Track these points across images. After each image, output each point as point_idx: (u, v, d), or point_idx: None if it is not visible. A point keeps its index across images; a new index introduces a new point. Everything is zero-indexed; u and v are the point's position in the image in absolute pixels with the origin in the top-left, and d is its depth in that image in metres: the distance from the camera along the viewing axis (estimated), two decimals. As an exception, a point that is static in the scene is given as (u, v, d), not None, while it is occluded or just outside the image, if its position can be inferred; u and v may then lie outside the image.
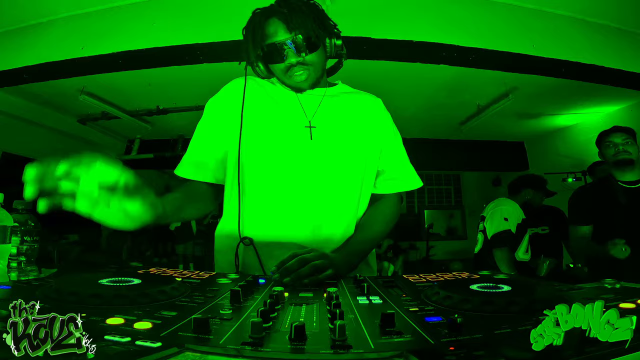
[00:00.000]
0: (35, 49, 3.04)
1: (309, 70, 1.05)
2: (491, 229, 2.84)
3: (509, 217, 2.81)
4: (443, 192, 8.10)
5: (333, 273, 0.82)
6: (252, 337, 0.42)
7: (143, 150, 6.38)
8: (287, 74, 1.05)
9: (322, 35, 1.05)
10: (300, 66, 1.03)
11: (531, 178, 3.17)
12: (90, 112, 5.11)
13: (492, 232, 2.82)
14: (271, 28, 1.02)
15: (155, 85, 4.30)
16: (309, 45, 1.02)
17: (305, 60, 1.03)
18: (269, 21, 1.02)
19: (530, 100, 4.64)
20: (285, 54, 1.02)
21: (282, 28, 1.01)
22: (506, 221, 2.80)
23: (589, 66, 2.97)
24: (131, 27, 2.93)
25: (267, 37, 1.02)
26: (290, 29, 1.00)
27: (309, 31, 1.01)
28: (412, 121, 5.45)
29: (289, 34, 1.00)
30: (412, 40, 2.80)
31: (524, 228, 2.88)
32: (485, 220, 2.95)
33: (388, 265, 5.12)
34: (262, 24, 1.02)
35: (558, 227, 3.22)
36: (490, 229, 2.86)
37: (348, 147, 1.08)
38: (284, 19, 1.00)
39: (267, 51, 1.03)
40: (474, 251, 3.11)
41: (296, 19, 1.00)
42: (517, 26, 2.94)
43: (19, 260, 1.03)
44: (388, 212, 1.17)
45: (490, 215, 2.91)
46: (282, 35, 1.01)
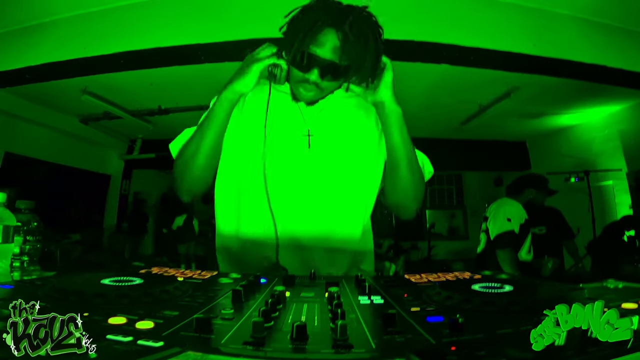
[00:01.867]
0: (38, 49, 3.05)
1: (318, 93, 0.97)
2: (494, 230, 2.83)
3: (512, 217, 2.81)
4: (445, 192, 8.09)
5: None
6: (253, 337, 0.42)
7: (145, 150, 6.40)
8: (297, 83, 0.96)
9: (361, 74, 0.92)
10: (314, 87, 0.94)
11: (533, 177, 3.16)
12: (92, 112, 5.13)
13: (495, 232, 2.81)
14: (323, 38, 0.87)
15: (157, 85, 4.31)
16: (337, 75, 0.92)
17: (320, 84, 0.93)
18: (325, 30, 0.87)
19: (532, 99, 4.63)
20: (310, 70, 0.91)
21: (334, 46, 0.87)
22: (509, 222, 2.79)
23: (591, 66, 2.97)
24: (133, 27, 2.94)
25: (311, 42, 0.88)
26: (342, 53, 0.87)
27: (356, 65, 0.88)
28: (413, 121, 5.35)
29: (334, 56, 0.88)
30: (413, 40, 2.80)
31: (527, 228, 2.87)
32: (488, 220, 2.95)
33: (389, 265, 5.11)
34: (317, 25, 0.87)
35: (557, 227, 3.22)
36: (493, 229, 2.85)
37: (347, 154, 1.06)
38: (343, 40, 0.86)
39: (297, 55, 0.90)
40: (476, 251, 3.10)
41: (354, 50, 0.86)
42: (518, 25, 2.93)
43: (21, 260, 1.03)
44: None
45: (493, 216, 2.90)
46: (326, 52, 0.88)
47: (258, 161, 1.03)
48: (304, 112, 1.06)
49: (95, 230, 6.45)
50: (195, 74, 3.77)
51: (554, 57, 2.91)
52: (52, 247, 4.67)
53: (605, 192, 5.20)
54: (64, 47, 2.99)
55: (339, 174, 1.05)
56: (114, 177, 6.87)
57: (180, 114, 4.93)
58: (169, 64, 3.19)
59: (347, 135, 1.07)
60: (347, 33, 0.85)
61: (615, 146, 5.00)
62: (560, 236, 3.24)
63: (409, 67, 3.37)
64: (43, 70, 3.08)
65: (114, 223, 6.83)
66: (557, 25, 2.99)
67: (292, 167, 1.03)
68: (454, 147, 6.62)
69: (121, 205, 7.00)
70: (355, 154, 1.06)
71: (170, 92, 4.51)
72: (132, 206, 7.15)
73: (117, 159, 6.77)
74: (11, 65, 3.10)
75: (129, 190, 7.13)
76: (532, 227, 3.02)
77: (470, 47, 2.83)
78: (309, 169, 1.03)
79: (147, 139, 6.35)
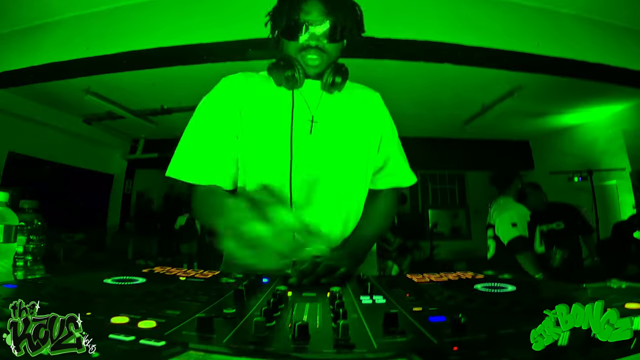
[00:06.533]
0: (40, 50, 3.06)
1: (322, 57, 1.02)
2: (504, 238, 2.85)
3: (516, 221, 2.82)
4: (447, 192, 8.06)
5: (346, 271, 0.83)
6: (255, 337, 0.42)
7: (147, 150, 6.43)
8: (300, 53, 1.02)
9: (351, 32, 1.03)
10: (317, 50, 1.01)
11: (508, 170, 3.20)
12: (95, 111, 5.15)
13: (507, 240, 2.83)
14: (308, 7, 0.98)
15: (159, 85, 4.32)
16: (334, 35, 1.00)
17: (324, 46, 1.01)
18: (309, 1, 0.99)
19: (535, 99, 4.62)
20: (307, 34, 0.99)
21: (318, 10, 0.98)
22: (515, 227, 2.80)
23: (594, 65, 2.95)
24: (135, 27, 2.95)
25: (297, 13, 0.99)
26: (326, 13, 0.98)
27: (342, 22, 1.00)
28: (416, 120, 5.44)
29: (323, 17, 0.98)
30: (415, 39, 2.79)
31: (533, 225, 2.89)
32: (495, 229, 2.96)
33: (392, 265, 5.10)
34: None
35: (575, 223, 3.24)
36: (503, 238, 2.86)
37: (348, 142, 1.08)
38: (325, 2, 0.98)
39: (290, 26, 1.00)
40: (478, 251, 3.12)
41: (339, 9, 0.99)
42: (521, 25, 2.92)
43: (25, 259, 1.04)
44: (387, 206, 1.18)
45: (498, 224, 2.91)
46: (315, 16, 0.98)
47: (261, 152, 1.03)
48: (306, 97, 1.07)
49: (99, 229, 6.48)
50: (198, 74, 3.77)
51: (557, 56, 2.90)
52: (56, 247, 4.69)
53: (609, 192, 5.17)
54: (67, 47, 3.01)
55: (341, 160, 1.06)
56: (117, 177, 6.90)
57: (182, 113, 4.94)
58: (171, 63, 3.20)
59: (347, 123, 1.09)
60: None
61: (618, 146, 4.98)
62: (577, 231, 3.25)
63: (411, 66, 3.37)
64: (46, 71, 3.09)
65: (117, 223, 6.85)
66: (560, 25, 2.98)
67: (295, 154, 1.03)
68: (457, 146, 6.60)
69: (124, 204, 7.02)
70: (355, 141, 1.09)
71: (172, 92, 4.52)
72: (136, 206, 7.16)
73: (120, 158, 6.80)
74: (14, 65, 3.12)
75: (131, 190, 7.16)
76: (549, 223, 3.04)
77: (473, 46, 2.82)
78: (312, 155, 1.04)
79: (149, 139, 6.38)
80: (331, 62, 1.06)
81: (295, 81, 1.02)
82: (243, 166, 1.05)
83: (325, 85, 1.05)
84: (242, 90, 1.07)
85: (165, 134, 5.98)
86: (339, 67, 1.06)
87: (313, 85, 1.08)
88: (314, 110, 1.06)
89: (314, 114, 1.06)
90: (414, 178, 1.21)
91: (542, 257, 2.90)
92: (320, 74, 1.05)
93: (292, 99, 1.05)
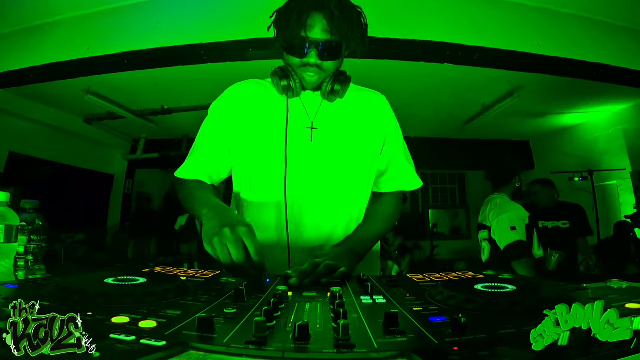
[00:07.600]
0: (41, 50, 3.06)
1: (321, 75, 1.02)
2: (501, 243, 2.62)
3: (515, 224, 2.60)
4: (447, 192, 8.06)
5: (346, 270, 0.83)
6: (256, 336, 0.42)
7: (148, 150, 6.43)
8: (299, 68, 1.01)
9: (354, 50, 1.01)
10: (316, 69, 1.00)
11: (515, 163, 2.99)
12: (95, 112, 5.15)
13: (504, 245, 2.60)
14: (311, 21, 0.95)
15: (160, 85, 4.32)
16: (336, 54, 0.99)
17: (322, 65, 1.00)
18: (313, 14, 0.95)
19: (536, 99, 4.61)
20: (307, 53, 0.98)
21: (322, 27, 0.95)
22: (514, 231, 2.58)
23: (595, 65, 2.95)
24: (136, 27, 2.95)
25: (300, 27, 0.95)
26: (329, 31, 0.95)
27: (346, 39, 0.97)
28: (416, 120, 5.44)
29: (326, 35, 0.96)
30: (416, 39, 2.79)
31: (532, 225, 2.72)
32: (491, 231, 2.72)
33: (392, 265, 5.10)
34: (303, 12, 0.95)
35: (579, 223, 3.19)
36: (500, 242, 2.63)
37: (349, 148, 1.08)
38: (330, 19, 0.94)
39: (292, 43, 0.98)
40: (478, 251, 3.04)
41: (343, 26, 0.95)
42: (522, 25, 2.92)
43: (26, 259, 1.04)
44: (389, 209, 1.18)
45: (495, 226, 2.67)
46: (317, 33, 0.96)
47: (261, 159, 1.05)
48: (306, 104, 1.08)
49: (99, 229, 6.48)
50: (198, 74, 3.78)
51: (558, 56, 2.90)
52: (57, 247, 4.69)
53: (610, 192, 5.17)
54: (68, 47, 3.01)
55: (341, 166, 1.07)
56: (118, 177, 6.91)
57: (183, 113, 4.95)
58: (172, 64, 3.20)
59: (348, 128, 1.09)
60: (333, 12, 0.94)
61: (619, 145, 4.98)
62: (579, 232, 3.21)
63: (412, 66, 3.37)
64: (47, 71, 3.09)
65: (118, 222, 6.86)
66: (560, 25, 2.98)
67: (296, 161, 1.04)
68: (457, 146, 6.60)
69: (125, 204, 7.02)
70: (356, 146, 1.09)
71: (173, 92, 4.52)
72: (136, 205, 7.17)
73: (121, 158, 6.80)
74: (15, 65, 3.12)
75: (132, 190, 7.16)
76: (556, 220, 2.96)
77: (474, 46, 2.82)
78: (312, 162, 1.05)
79: (150, 139, 6.38)
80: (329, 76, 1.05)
81: (292, 91, 1.03)
82: (239, 172, 1.07)
83: (324, 93, 1.05)
84: (244, 97, 1.09)
85: (166, 134, 5.99)
86: (338, 76, 1.04)
87: (313, 94, 1.09)
88: (313, 117, 1.07)
89: (313, 121, 1.07)
90: (419, 182, 1.19)
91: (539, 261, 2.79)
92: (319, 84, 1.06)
93: (286, 107, 1.06)
